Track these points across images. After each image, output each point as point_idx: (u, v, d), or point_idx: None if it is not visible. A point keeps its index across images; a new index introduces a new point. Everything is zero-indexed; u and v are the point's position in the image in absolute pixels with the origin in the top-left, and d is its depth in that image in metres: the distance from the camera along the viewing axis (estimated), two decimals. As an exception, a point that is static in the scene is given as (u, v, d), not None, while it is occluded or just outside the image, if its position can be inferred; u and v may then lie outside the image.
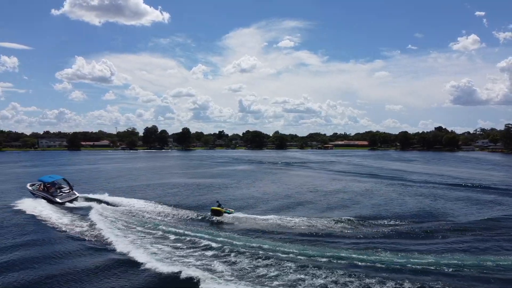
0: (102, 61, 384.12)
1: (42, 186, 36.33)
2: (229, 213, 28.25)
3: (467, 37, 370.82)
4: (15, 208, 31.69)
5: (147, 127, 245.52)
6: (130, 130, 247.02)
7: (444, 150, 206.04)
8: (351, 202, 35.09)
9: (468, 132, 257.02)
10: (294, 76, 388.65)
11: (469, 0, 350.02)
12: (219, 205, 28.65)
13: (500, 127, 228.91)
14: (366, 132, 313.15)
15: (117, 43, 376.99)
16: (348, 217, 27.53)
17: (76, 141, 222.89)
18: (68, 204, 33.42)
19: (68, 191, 36.41)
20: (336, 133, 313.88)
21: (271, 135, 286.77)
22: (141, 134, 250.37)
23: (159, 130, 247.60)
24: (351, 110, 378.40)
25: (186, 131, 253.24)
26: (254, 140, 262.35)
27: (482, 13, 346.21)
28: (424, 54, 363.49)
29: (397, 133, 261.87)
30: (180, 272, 16.55)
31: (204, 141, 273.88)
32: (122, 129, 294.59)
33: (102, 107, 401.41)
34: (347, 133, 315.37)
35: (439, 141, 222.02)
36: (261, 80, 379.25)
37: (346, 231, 24.17)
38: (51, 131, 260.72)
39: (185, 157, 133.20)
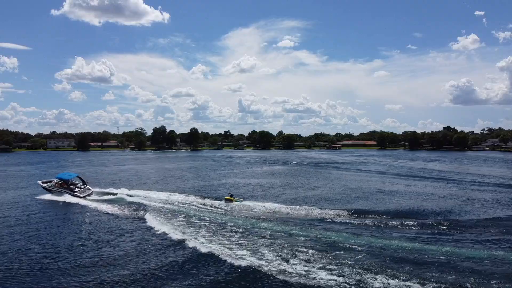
0: (102, 61, 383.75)
1: (58, 183, 39.47)
2: (239, 201, 33.90)
3: (467, 37, 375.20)
4: (52, 202, 35.73)
5: (155, 128, 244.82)
6: (138, 130, 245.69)
7: (454, 150, 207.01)
8: (446, 209, 32.75)
9: (472, 132, 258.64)
10: (293, 76, 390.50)
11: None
12: (231, 196, 35.00)
13: (500, 126, 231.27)
14: (370, 132, 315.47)
15: (116, 43, 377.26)
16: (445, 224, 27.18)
17: (85, 142, 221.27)
18: (88, 198, 37.03)
19: (83, 186, 39.54)
20: (339, 133, 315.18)
21: (274, 135, 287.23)
22: (149, 134, 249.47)
23: (167, 131, 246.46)
24: (351, 110, 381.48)
25: (194, 131, 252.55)
26: (261, 140, 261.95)
27: (482, 13, 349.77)
28: (423, 54, 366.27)
29: (397, 132, 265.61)
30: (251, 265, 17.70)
31: (212, 141, 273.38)
32: (123, 129, 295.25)
33: (102, 108, 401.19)
34: (349, 133, 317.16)
35: (448, 141, 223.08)
36: (261, 80, 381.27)
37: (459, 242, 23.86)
38: (49, 131, 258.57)
39: (205, 158, 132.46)
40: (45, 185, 40.06)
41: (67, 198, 36.70)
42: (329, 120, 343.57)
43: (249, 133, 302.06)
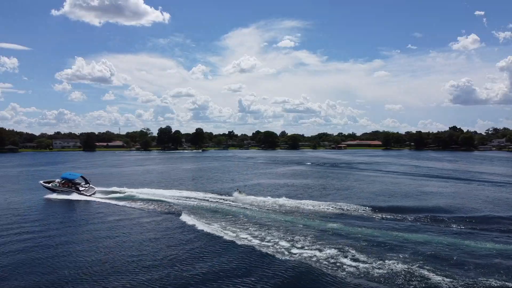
0: (102, 61, 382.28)
1: (61, 183, 39.84)
2: (245, 196, 36.76)
3: (467, 37, 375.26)
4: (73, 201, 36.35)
5: (161, 128, 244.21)
6: (144, 130, 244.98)
7: (461, 150, 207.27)
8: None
9: (475, 132, 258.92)
10: (293, 76, 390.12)
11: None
12: (239, 191, 38.01)
13: (500, 126, 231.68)
14: (372, 132, 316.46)
15: (116, 43, 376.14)
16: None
17: (90, 142, 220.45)
18: (94, 196, 38.38)
19: (86, 186, 40.48)
20: (341, 133, 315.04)
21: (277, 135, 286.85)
22: (153, 134, 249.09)
23: (173, 131, 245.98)
24: (351, 110, 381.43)
25: (199, 131, 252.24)
26: (266, 140, 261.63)
27: (482, 13, 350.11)
28: (423, 54, 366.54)
29: (396, 132, 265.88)
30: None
31: (217, 141, 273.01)
32: (124, 129, 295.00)
33: (102, 108, 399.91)
34: (352, 133, 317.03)
35: (454, 141, 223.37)
36: (261, 80, 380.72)
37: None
38: (53, 132, 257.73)
39: (218, 158, 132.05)
40: (48, 185, 40.08)
41: (76, 196, 37.74)
42: (329, 120, 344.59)
43: (253, 133, 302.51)
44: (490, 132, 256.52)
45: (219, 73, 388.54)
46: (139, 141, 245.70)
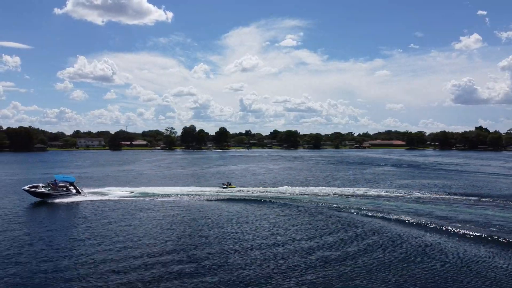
0: (104, 60, 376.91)
1: (54, 185, 37.64)
2: (233, 187, 44.51)
3: (469, 36, 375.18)
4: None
5: (185, 127, 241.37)
6: (168, 129, 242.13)
7: (488, 150, 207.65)
8: None
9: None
10: (294, 75, 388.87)
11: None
12: (229, 184, 45.97)
13: (501, 126, 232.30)
14: (386, 131, 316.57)
15: (118, 42, 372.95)
16: None
17: (117, 141, 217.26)
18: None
19: (77, 188, 38.64)
20: (351, 133, 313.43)
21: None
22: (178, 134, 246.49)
23: (197, 130, 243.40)
24: (352, 109, 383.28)
25: (223, 130, 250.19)
26: (288, 139, 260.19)
27: (484, 12, 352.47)
28: (424, 53, 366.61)
29: (419, 132, 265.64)
30: None
31: (238, 140, 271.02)
32: (123, 127, 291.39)
33: (103, 106, 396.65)
34: (366, 133, 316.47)
35: (481, 141, 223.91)
36: (262, 79, 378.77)
37: None
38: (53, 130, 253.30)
39: (276, 158, 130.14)
40: (42, 190, 36.60)
41: (83, 198, 36.83)
42: (330, 119, 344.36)
43: (270, 132, 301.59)
44: (511, 132, 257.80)
45: (221, 72, 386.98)
46: (161, 140, 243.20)
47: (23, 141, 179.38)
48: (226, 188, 44.30)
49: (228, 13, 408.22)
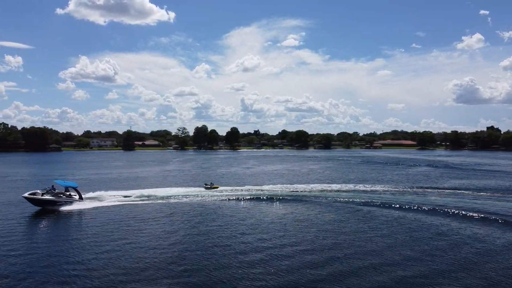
0: (106, 60, 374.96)
1: (55, 192, 35.01)
2: (216, 187, 45.00)
3: (471, 36, 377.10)
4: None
5: (197, 127, 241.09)
6: (180, 129, 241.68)
7: (501, 150, 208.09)
8: None
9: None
10: (296, 75, 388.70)
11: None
12: (211, 184, 46.28)
13: (503, 125, 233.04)
14: (392, 131, 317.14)
15: (120, 42, 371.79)
16: None
17: (130, 141, 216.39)
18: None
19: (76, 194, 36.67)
20: (357, 133, 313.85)
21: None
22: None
23: (209, 130, 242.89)
24: (353, 109, 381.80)
25: (234, 130, 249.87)
26: (299, 139, 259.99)
27: (486, 12, 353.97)
28: (426, 53, 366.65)
29: (430, 132, 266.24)
30: None
31: (248, 140, 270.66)
32: (124, 128, 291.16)
33: (105, 106, 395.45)
34: (373, 133, 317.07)
35: (494, 141, 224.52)
36: (263, 79, 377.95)
37: None
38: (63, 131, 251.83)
39: (300, 159, 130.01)
40: (43, 197, 33.51)
41: (89, 204, 34.79)
42: (332, 119, 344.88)
43: (279, 132, 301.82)
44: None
45: (222, 72, 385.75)
46: (172, 140, 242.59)
47: (38, 141, 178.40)
48: (210, 188, 44.50)
49: (229, 13, 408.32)
